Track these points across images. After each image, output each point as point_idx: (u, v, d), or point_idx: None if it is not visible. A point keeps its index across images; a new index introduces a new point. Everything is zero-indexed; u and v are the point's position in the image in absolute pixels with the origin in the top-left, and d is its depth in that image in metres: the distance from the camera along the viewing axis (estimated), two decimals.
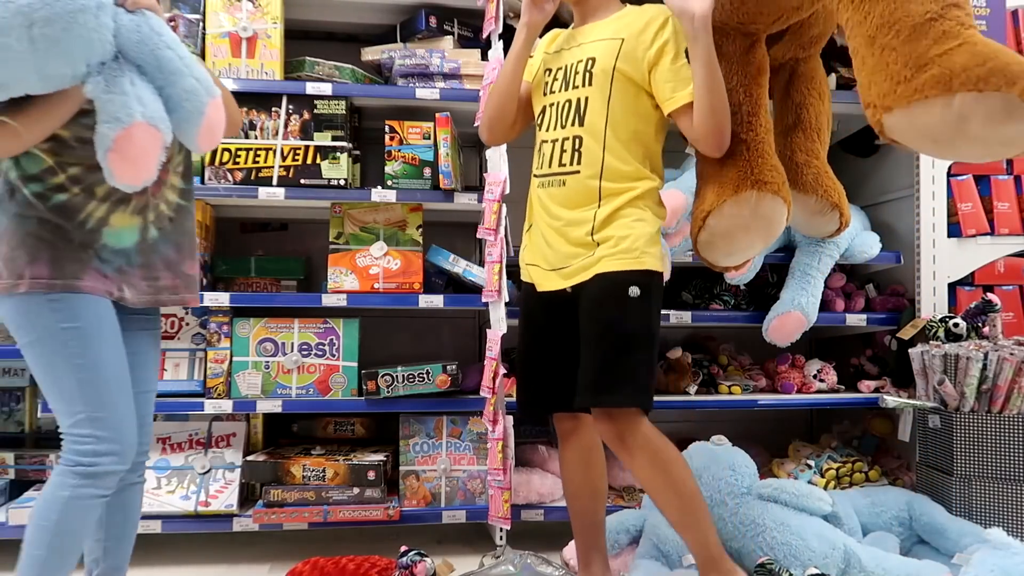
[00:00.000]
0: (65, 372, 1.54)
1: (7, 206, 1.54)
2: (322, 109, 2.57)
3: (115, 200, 1.57)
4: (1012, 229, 2.80)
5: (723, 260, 2.10)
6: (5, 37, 1.33)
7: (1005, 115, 1.51)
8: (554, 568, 2.18)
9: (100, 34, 1.41)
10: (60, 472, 1.53)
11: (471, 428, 2.60)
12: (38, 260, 1.51)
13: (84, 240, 1.55)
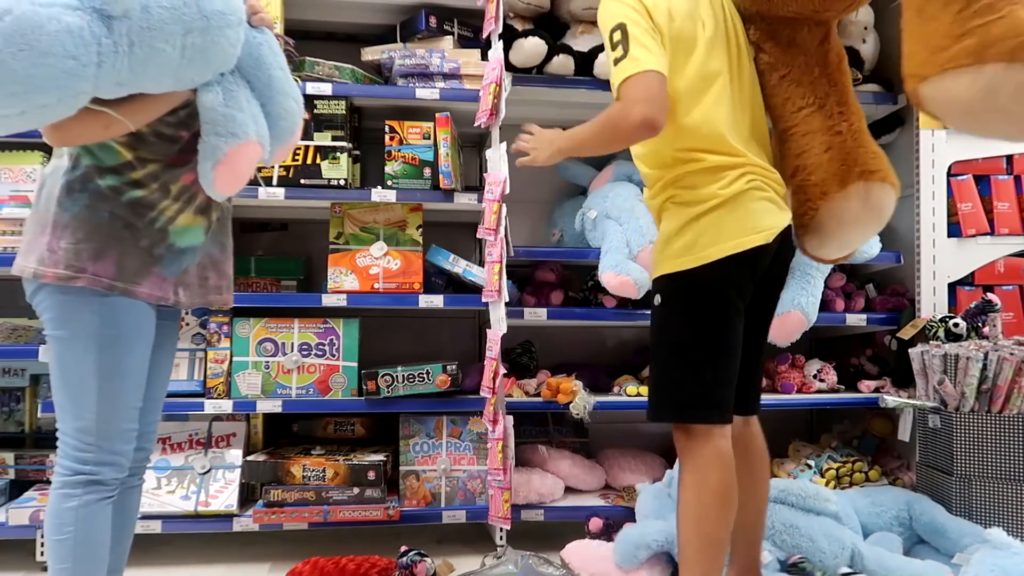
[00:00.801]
0: (88, 376, 1.50)
1: (77, 196, 1.48)
2: (322, 109, 2.56)
3: (185, 199, 1.57)
4: (1012, 229, 2.80)
5: (834, 254, 1.96)
6: (162, 43, 1.35)
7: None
8: (555, 568, 2.18)
9: (236, 49, 1.46)
10: (61, 484, 1.50)
11: (471, 428, 2.60)
12: (105, 257, 1.48)
13: (152, 241, 1.53)
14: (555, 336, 3.17)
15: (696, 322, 1.70)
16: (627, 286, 2.52)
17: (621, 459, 2.85)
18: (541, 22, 2.81)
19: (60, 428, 1.53)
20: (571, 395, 2.57)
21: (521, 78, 2.63)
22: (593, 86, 2.69)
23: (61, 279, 1.46)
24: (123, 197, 1.50)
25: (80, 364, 1.50)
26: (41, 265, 1.46)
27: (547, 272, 2.90)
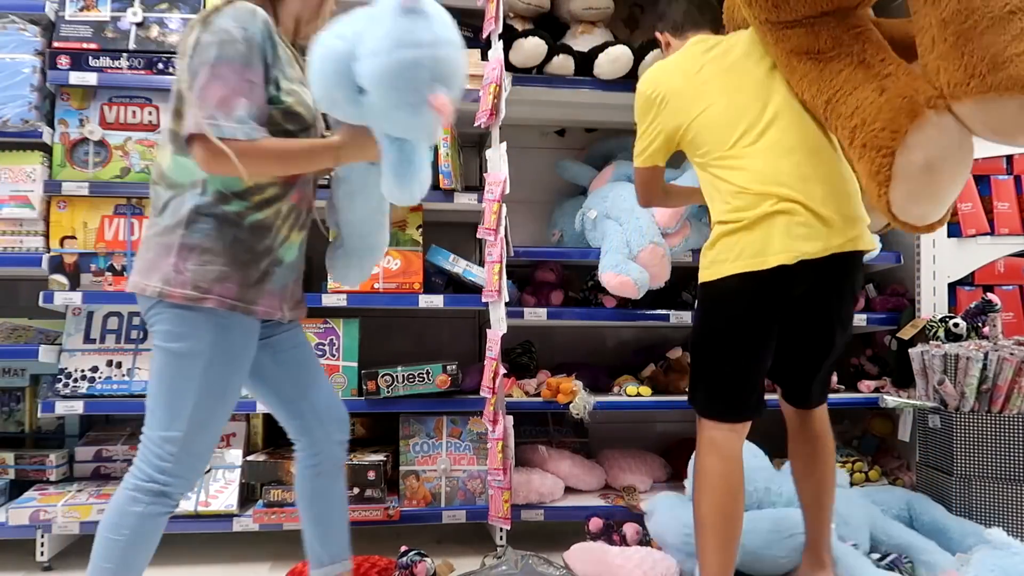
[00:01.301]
0: (189, 390, 1.54)
1: (205, 220, 1.53)
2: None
3: (293, 217, 1.66)
4: (1012, 229, 2.80)
5: (934, 212, 1.76)
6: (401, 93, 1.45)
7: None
8: (555, 569, 2.18)
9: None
10: (132, 487, 1.53)
11: (471, 428, 2.60)
12: (229, 279, 1.54)
13: (269, 261, 1.60)
14: (555, 336, 3.17)
15: (708, 330, 1.86)
16: (627, 286, 2.52)
17: (621, 459, 2.85)
18: (541, 22, 2.81)
19: (146, 434, 1.56)
20: (571, 395, 2.57)
21: (521, 78, 2.63)
22: (593, 86, 2.69)
23: (189, 299, 1.51)
24: (245, 221, 1.56)
25: (187, 378, 1.53)
26: (167, 285, 1.51)
27: (547, 272, 2.90)
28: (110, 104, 2.52)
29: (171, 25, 2.53)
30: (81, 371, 2.50)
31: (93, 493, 2.44)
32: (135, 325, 2.58)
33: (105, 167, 2.50)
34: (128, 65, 2.49)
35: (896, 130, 1.59)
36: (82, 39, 2.48)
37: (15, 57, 2.42)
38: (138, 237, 2.51)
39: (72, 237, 2.49)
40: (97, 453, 2.64)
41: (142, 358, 2.55)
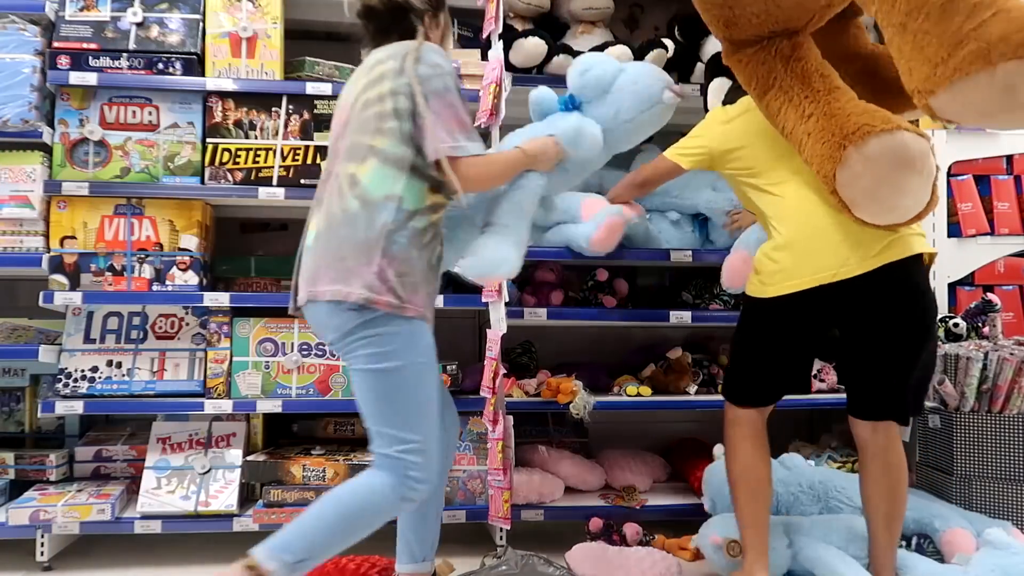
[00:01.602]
0: (409, 400, 1.65)
1: (401, 233, 1.64)
2: (322, 109, 2.57)
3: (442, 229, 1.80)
4: (1012, 229, 2.81)
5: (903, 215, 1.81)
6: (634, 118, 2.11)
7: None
8: (555, 568, 2.18)
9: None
10: (387, 481, 1.65)
11: (471, 428, 2.60)
12: (419, 291, 1.67)
13: (435, 271, 1.75)
14: (555, 336, 3.16)
15: (740, 332, 2.08)
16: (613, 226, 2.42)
17: (621, 459, 2.85)
18: (541, 22, 2.81)
19: (382, 451, 1.66)
20: (571, 395, 2.57)
21: (521, 78, 2.63)
22: None
23: (393, 308, 1.62)
24: (425, 237, 1.69)
25: (404, 391, 1.65)
26: (372, 292, 1.60)
27: (547, 272, 2.90)
28: (110, 104, 2.52)
29: (171, 25, 2.54)
30: (81, 371, 2.50)
31: (93, 493, 2.44)
32: (135, 325, 2.58)
33: (105, 167, 2.50)
34: (128, 65, 2.49)
35: (827, 175, 1.78)
36: (82, 39, 2.48)
37: (15, 57, 2.42)
38: (137, 237, 2.52)
39: (72, 237, 2.49)
40: (97, 453, 2.64)
41: (142, 358, 2.55)
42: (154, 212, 2.54)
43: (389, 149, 1.67)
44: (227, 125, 2.55)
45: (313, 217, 1.77)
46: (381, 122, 1.67)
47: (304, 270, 1.73)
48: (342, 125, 1.76)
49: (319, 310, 1.67)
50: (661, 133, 3.10)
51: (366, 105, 1.70)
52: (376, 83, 1.70)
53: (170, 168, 2.53)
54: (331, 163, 1.78)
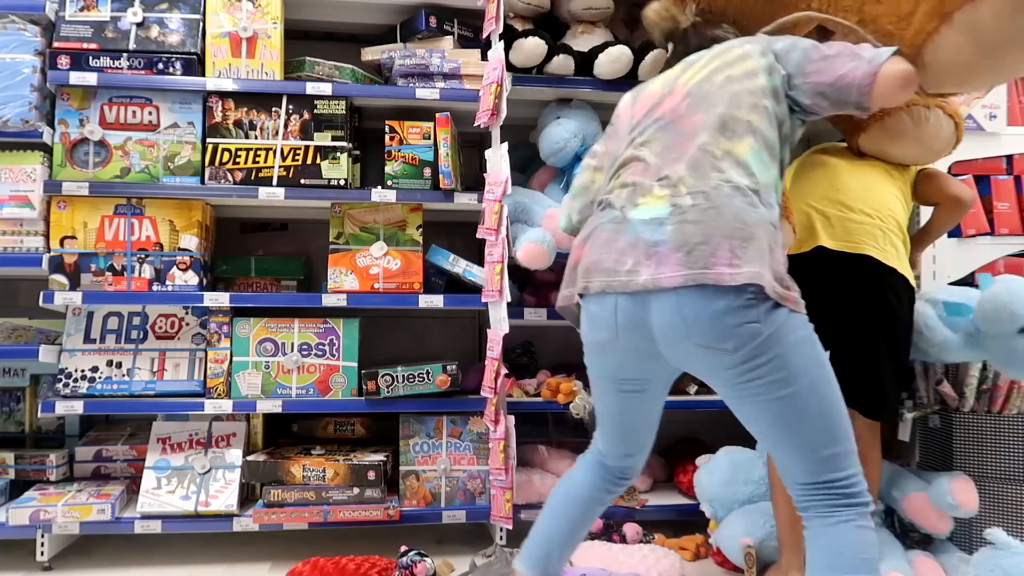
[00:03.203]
0: (837, 404, 1.42)
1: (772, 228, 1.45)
2: (322, 109, 2.57)
3: None
4: (1012, 229, 2.80)
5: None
6: None
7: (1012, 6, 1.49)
8: None
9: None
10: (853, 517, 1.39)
11: (471, 428, 2.60)
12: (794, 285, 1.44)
13: None
14: (555, 336, 3.16)
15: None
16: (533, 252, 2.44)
17: None
18: (541, 22, 2.81)
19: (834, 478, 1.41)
20: (571, 395, 2.57)
21: (521, 78, 2.63)
22: (594, 86, 2.69)
23: (793, 303, 1.39)
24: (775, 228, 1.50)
25: (831, 397, 1.41)
26: (780, 285, 1.37)
27: (547, 272, 2.89)
28: (110, 104, 2.52)
29: (171, 25, 2.54)
30: (81, 371, 2.50)
31: (93, 493, 2.44)
32: (135, 325, 2.58)
33: (105, 167, 2.50)
34: (128, 65, 2.49)
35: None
36: (82, 39, 2.48)
37: (15, 57, 2.42)
38: (137, 237, 2.52)
39: (72, 237, 2.49)
40: (97, 453, 2.64)
41: (142, 358, 2.55)
42: (154, 212, 2.54)
43: (764, 130, 1.53)
44: (227, 125, 2.55)
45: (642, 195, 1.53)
46: (755, 98, 1.54)
47: (671, 244, 1.42)
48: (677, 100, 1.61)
49: (701, 298, 1.37)
50: None
51: (729, 80, 1.57)
52: (737, 62, 1.59)
53: (170, 168, 2.53)
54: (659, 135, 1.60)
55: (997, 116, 2.76)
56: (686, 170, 1.49)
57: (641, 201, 1.52)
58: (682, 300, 1.38)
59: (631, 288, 1.44)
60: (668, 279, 1.39)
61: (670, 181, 1.50)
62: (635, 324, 1.47)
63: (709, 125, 1.53)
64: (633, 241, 1.48)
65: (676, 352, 1.46)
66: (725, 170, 1.47)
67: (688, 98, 1.60)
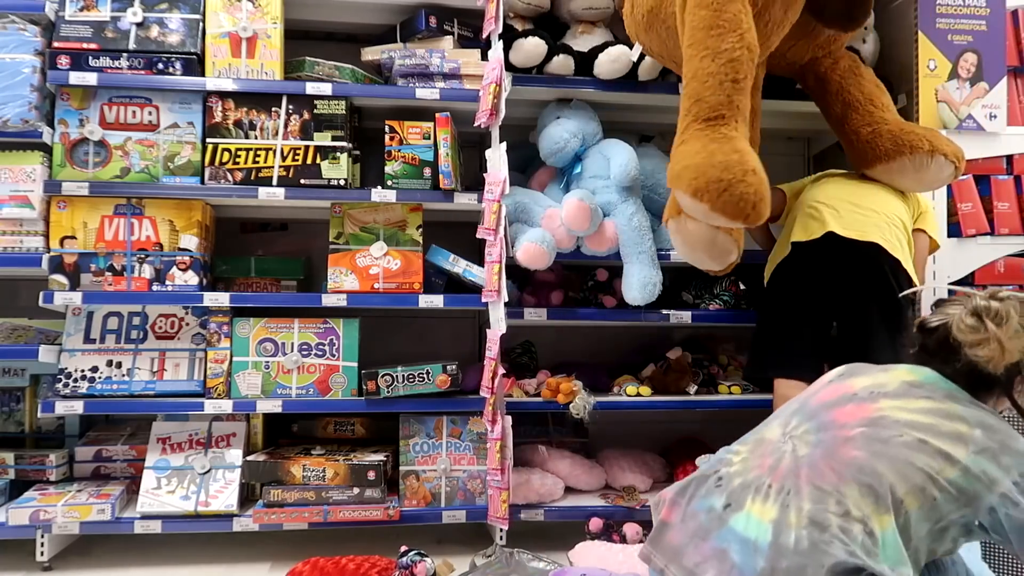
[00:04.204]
0: None
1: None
2: (322, 109, 2.57)
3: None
4: (1012, 229, 2.80)
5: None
6: None
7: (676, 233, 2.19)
8: (543, 563, 2.19)
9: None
10: None
11: (471, 428, 2.60)
12: None
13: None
14: (555, 336, 3.16)
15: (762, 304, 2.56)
16: (532, 252, 2.50)
17: (621, 459, 2.85)
18: (541, 22, 2.81)
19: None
20: (571, 395, 2.57)
21: (521, 78, 2.63)
22: (593, 86, 2.69)
23: None
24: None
25: None
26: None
27: (547, 272, 2.89)
28: (110, 104, 2.52)
29: (171, 25, 2.53)
30: (81, 371, 2.50)
31: (93, 493, 2.44)
32: (135, 325, 2.58)
33: (105, 167, 2.50)
34: (128, 65, 2.49)
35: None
36: (82, 39, 2.48)
37: (15, 57, 2.42)
38: (137, 237, 2.52)
39: (72, 237, 2.49)
40: (97, 453, 2.64)
41: (142, 358, 2.55)
42: (154, 212, 2.54)
43: (913, 519, 1.31)
44: (227, 125, 2.55)
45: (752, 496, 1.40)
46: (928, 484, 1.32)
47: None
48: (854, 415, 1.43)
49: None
50: (660, 133, 3.12)
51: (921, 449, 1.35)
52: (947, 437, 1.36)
53: (170, 168, 2.53)
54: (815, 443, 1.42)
55: (997, 116, 2.76)
56: (808, 500, 1.33)
57: (748, 506, 1.38)
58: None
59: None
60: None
61: (783, 501, 1.35)
62: None
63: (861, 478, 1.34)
64: (720, 553, 1.35)
65: None
66: (849, 530, 1.29)
67: (866, 429, 1.41)
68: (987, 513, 1.33)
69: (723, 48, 1.88)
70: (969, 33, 2.71)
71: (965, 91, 2.72)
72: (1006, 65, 2.77)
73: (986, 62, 2.72)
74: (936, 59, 2.70)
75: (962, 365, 1.47)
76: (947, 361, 1.49)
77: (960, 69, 2.71)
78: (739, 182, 1.80)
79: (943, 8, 2.70)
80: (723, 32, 1.90)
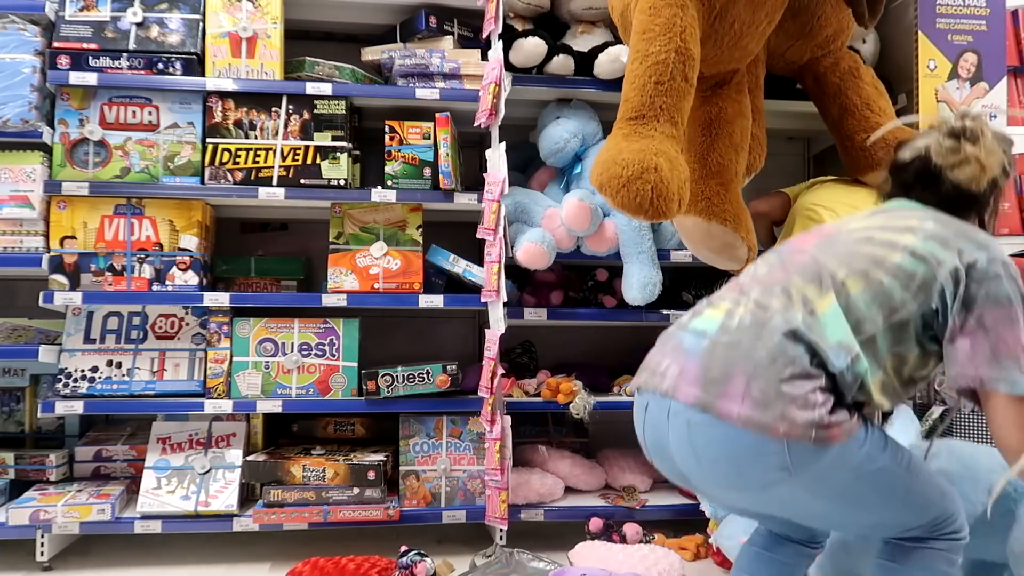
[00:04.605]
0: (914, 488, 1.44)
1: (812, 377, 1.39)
2: (322, 109, 2.57)
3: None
4: (1012, 229, 2.80)
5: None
6: None
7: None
8: (545, 563, 2.19)
9: None
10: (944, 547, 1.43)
11: (471, 428, 2.60)
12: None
13: None
14: (555, 336, 3.16)
15: None
16: (532, 252, 2.51)
17: (621, 459, 2.85)
18: (541, 22, 2.81)
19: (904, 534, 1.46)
20: (571, 395, 2.57)
21: (521, 78, 2.63)
22: (593, 86, 2.69)
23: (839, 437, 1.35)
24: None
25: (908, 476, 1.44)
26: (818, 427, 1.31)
27: (547, 272, 2.89)
28: (110, 104, 2.52)
29: (171, 25, 2.53)
30: (81, 371, 2.50)
31: (93, 493, 2.44)
32: (135, 325, 2.58)
33: (105, 167, 2.50)
34: (128, 65, 2.49)
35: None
36: (82, 39, 2.48)
37: (15, 57, 2.42)
38: (137, 237, 2.52)
39: (72, 237, 2.49)
40: (97, 453, 2.64)
41: (142, 358, 2.55)
42: (154, 212, 2.54)
43: (858, 301, 1.38)
44: (227, 125, 2.55)
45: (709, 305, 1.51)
46: (872, 268, 1.40)
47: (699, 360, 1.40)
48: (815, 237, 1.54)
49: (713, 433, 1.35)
50: None
51: (867, 241, 1.45)
52: (895, 230, 1.45)
53: (170, 168, 2.53)
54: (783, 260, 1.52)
55: (997, 116, 2.76)
56: (757, 293, 1.45)
57: (705, 312, 1.51)
58: (693, 432, 1.37)
59: (659, 388, 1.44)
60: (684, 394, 1.38)
61: (737, 299, 1.47)
62: (656, 436, 1.47)
63: (807, 270, 1.44)
64: (676, 346, 1.48)
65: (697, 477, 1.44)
66: (790, 309, 1.39)
67: (820, 240, 1.52)
68: (939, 298, 1.38)
69: (650, 51, 1.95)
70: (969, 33, 2.71)
71: (965, 91, 2.72)
72: (1006, 65, 2.77)
73: (986, 62, 2.72)
74: (936, 59, 2.70)
75: (945, 190, 1.52)
76: (927, 189, 1.53)
77: (960, 69, 2.71)
78: (636, 179, 1.86)
79: (943, 8, 2.70)
80: (653, 36, 1.96)
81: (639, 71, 1.96)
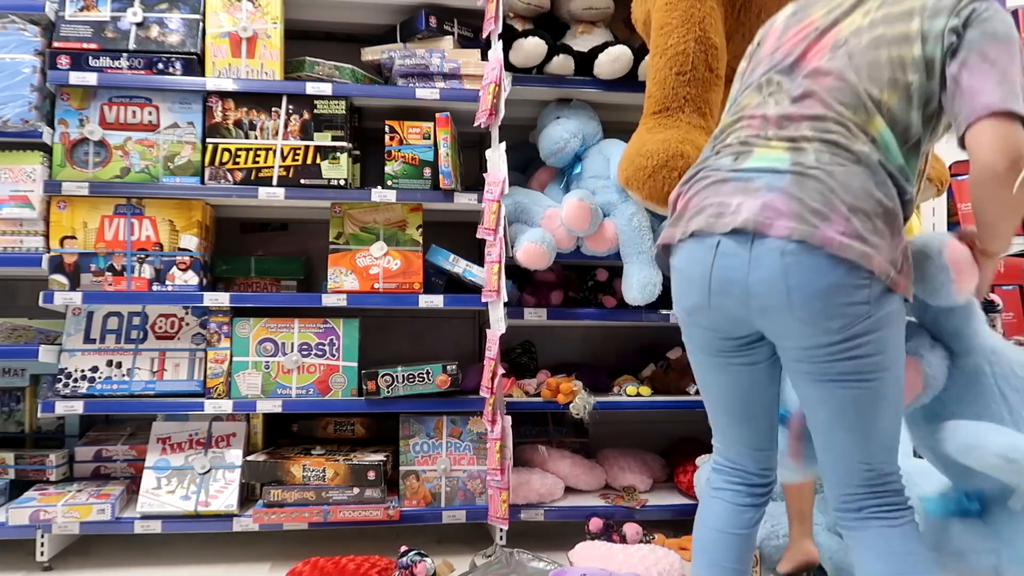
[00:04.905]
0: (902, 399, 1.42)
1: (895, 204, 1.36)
2: (322, 109, 2.57)
3: None
4: None
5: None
6: None
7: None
8: (545, 563, 2.19)
9: None
10: (911, 518, 1.39)
11: (471, 428, 2.60)
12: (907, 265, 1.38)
13: None
14: (555, 336, 3.17)
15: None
16: (532, 251, 2.50)
17: (621, 459, 2.85)
18: (541, 22, 2.81)
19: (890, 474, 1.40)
20: (571, 395, 2.57)
21: (521, 78, 2.63)
22: (593, 86, 2.69)
23: (904, 290, 1.35)
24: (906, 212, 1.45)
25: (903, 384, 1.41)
26: (894, 269, 1.31)
27: (547, 272, 2.90)
28: (110, 104, 2.52)
29: (171, 25, 2.54)
30: (81, 371, 2.50)
31: (93, 493, 2.44)
32: (135, 325, 2.58)
33: (105, 167, 2.50)
34: (128, 65, 2.49)
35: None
36: (82, 39, 2.48)
37: (15, 57, 2.42)
38: (137, 237, 2.52)
39: (72, 237, 2.49)
40: (97, 453, 2.64)
41: (142, 358, 2.55)
42: (154, 212, 2.54)
43: (898, 111, 1.38)
44: (227, 125, 2.55)
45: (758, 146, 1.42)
46: (898, 72, 1.38)
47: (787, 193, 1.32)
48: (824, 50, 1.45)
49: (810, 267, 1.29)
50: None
51: (881, 42, 1.40)
52: (900, 19, 1.40)
53: (170, 168, 2.53)
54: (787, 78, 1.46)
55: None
56: (808, 129, 1.39)
57: (757, 151, 1.42)
58: (788, 263, 1.29)
59: (734, 225, 1.33)
60: (777, 228, 1.30)
61: (793, 139, 1.40)
62: (731, 278, 1.36)
63: (845, 95, 1.40)
64: (741, 186, 1.38)
65: (769, 320, 1.36)
66: (855, 141, 1.36)
67: (833, 52, 1.44)
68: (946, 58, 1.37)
69: (669, 44, 1.94)
70: None
71: None
72: None
73: None
74: None
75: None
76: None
77: None
78: (662, 167, 1.81)
79: None
80: (671, 29, 1.95)
81: (660, 65, 1.93)
